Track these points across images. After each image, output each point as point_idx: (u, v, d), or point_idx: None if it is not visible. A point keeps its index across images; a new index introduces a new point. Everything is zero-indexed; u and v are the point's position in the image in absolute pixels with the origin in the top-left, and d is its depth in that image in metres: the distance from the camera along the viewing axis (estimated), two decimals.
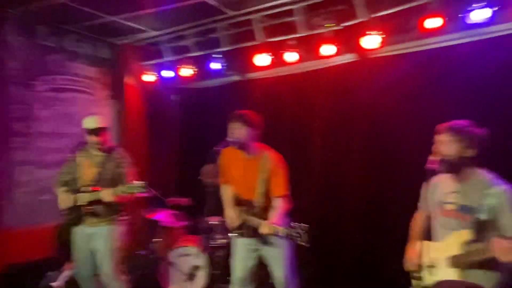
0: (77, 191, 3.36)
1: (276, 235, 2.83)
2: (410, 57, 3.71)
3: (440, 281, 2.02)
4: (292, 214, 3.12)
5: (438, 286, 1.09)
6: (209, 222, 4.24)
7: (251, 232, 2.97)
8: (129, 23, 4.65)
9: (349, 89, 4.16)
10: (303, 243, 2.59)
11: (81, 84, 5.04)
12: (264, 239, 2.98)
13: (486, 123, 2.68)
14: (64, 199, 3.40)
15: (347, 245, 4.13)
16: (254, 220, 2.93)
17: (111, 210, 3.34)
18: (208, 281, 4.24)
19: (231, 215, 3.08)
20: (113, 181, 3.35)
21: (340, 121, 4.20)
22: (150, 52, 5.49)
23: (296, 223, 2.65)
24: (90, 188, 3.31)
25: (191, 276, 4.29)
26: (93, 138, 3.36)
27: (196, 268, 4.29)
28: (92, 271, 3.44)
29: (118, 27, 4.79)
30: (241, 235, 3.05)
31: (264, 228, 2.80)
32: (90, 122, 3.40)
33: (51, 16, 4.51)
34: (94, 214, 3.33)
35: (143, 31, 4.95)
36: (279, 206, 2.94)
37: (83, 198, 3.31)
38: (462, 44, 3.41)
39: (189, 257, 4.31)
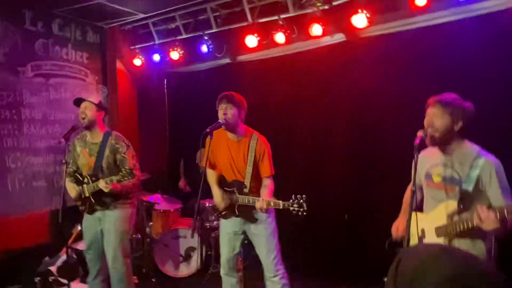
0: (81, 182, 3.38)
1: (270, 209, 2.91)
2: (399, 36, 3.72)
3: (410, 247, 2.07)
4: (278, 194, 3.17)
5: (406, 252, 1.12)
6: (203, 205, 4.29)
7: (238, 211, 3.03)
8: (117, 6, 4.58)
9: (339, 69, 4.17)
10: (303, 213, 2.67)
11: (70, 70, 4.99)
12: (250, 217, 3.03)
13: (473, 100, 2.73)
14: (71, 190, 3.43)
15: (334, 225, 4.20)
16: (246, 198, 2.97)
17: (117, 197, 3.35)
18: (203, 261, 4.32)
19: (218, 196, 3.12)
20: (115, 168, 3.36)
21: (329, 101, 4.22)
22: (140, 36, 5.43)
23: (293, 195, 2.70)
24: (91, 179, 3.32)
25: (186, 257, 4.36)
26: (79, 110, 3.31)
27: (191, 249, 4.36)
28: (100, 252, 3.49)
29: (106, 10, 4.72)
30: (227, 216, 3.10)
31: (261, 203, 2.85)
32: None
33: (38, 1, 4.43)
34: (101, 203, 3.35)
35: (132, 14, 4.87)
36: (269, 184, 3.02)
37: (86, 190, 3.33)
38: (450, 22, 3.41)
39: (184, 239, 4.37)
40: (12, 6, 4.36)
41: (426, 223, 2.25)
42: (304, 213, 2.68)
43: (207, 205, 4.28)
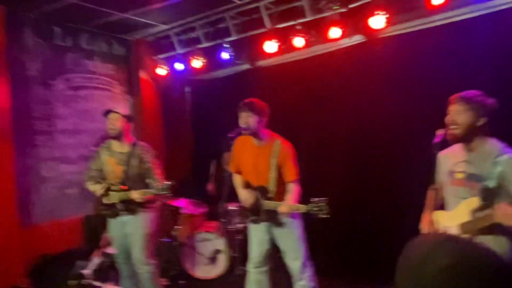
0: (108, 189, 3.50)
1: (295, 214, 2.98)
2: (417, 35, 3.72)
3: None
4: (307, 196, 3.21)
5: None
6: (228, 208, 4.38)
7: (264, 216, 3.08)
8: (139, 19, 4.78)
9: (359, 69, 4.18)
10: (325, 215, 2.72)
11: (97, 81, 5.22)
12: (276, 222, 3.08)
13: (496, 97, 2.72)
14: (96, 189, 3.55)
15: (360, 228, 4.19)
16: (270, 203, 3.03)
17: (144, 203, 3.48)
18: (229, 263, 4.40)
19: (244, 195, 3.19)
20: (140, 177, 3.49)
21: (351, 102, 4.24)
22: (162, 46, 5.61)
23: (315, 198, 2.75)
24: (119, 187, 3.45)
25: (213, 260, 4.45)
26: (108, 122, 3.44)
27: (217, 252, 4.45)
28: (129, 255, 3.63)
29: (129, 23, 4.92)
30: (256, 221, 3.16)
31: (284, 208, 2.91)
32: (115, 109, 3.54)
33: (65, 17, 4.67)
34: (128, 209, 3.48)
35: (154, 26, 5.06)
36: (293, 189, 3.05)
37: (114, 197, 3.45)
38: (468, 19, 3.40)
39: (210, 241, 4.47)
40: (42, 23, 4.61)
41: (449, 221, 2.26)
42: (326, 215, 2.71)
43: (232, 208, 4.36)
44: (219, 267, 4.41)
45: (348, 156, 4.29)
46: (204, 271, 4.45)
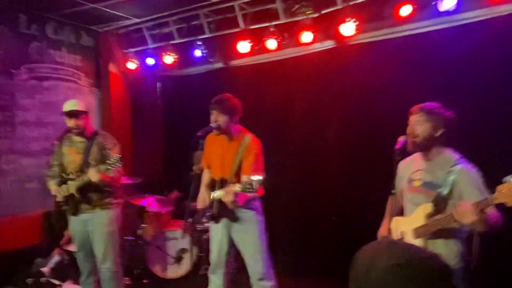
0: (65, 180, 3.40)
1: (254, 208, 2.99)
2: (386, 44, 3.84)
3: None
4: (271, 198, 3.24)
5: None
6: (194, 207, 4.35)
7: (218, 210, 3.04)
8: (110, 10, 4.66)
9: (329, 74, 4.27)
10: (254, 193, 2.67)
11: (63, 72, 5.05)
12: (233, 217, 3.05)
13: (456, 106, 2.85)
14: (57, 191, 3.44)
15: (325, 228, 4.28)
16: (217, 192, 2.99)
17: (103, 194, 3.40)
18: (195, 263, 4.39)
19: (201, 196, 3.18)
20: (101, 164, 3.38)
21: (319, 105, 4.33)
22: (133, 40, 5.50)
23: (250, 176, 2.71)
24: (77, 174, 3.34)
25: (178, 259, 4.43)
26: (71, 122, 3.36)
27: (183, 251, 4.43)
28: (90, 253, 3.54)
29: (100, 15, 4.79)
30: (213, 218, 3.12)
31: (221, 194, 2.91)
32: (68, 105, 3.42)
33: (32, 4, 4.49)
34: (87, 201, 3.39)
35: (125, 18, 4.95)
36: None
37: (72, 186, 3.35)
38: (433, 31, 3.55)
39: (176, 240, 4.44)
40: (6, 9, 4.41)
41: (406, 226, 2.36)
42: (253, 193, 2.66)
43: (198, 207, 4.34)
44: (185, 267, 4.39)
45: (317, 159, 4.38)
46: (170, 271, 4.42)
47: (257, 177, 2.67)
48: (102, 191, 3.38)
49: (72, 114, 3.38)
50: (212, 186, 3.17)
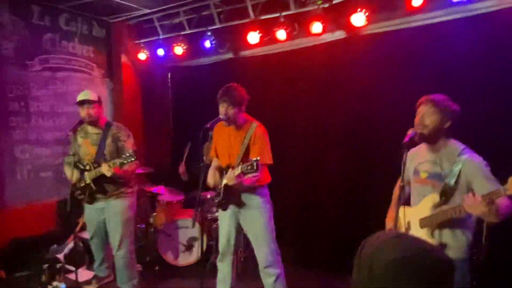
0: (82, 171, 3.49)
1: (262, 195, 3.05)
2: (397, 34, 3.79)
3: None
4: (276, 189, 3.27)
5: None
6: (205, 196, 4.42)
7: (227, 196, 3.10)
8: (121, 1, 4.69)
9: (339, 65, 4.24)
10: (254, 173, 2.75)
11: (76, 63, 5.12)
12: (240, 203, 3.11)
13: (467, 98, 2.84)
14: (69, 174, 3.55)
15: (329, 219, 4.31)
16: (224, 177, 3.05)
17: (118, 184, 3.49)
18: (205, 251, 4.47)
19: (210, 176, 3.25)
20: (116, 156, 3.44)
21: (328, 96, 4.31)
22: (144, 30, 5.54)
23: (250, 158, 2.80)
24: (92, 166, 3.44)
25: (188, 247, 4.51)
26: (84, 111, 3.44)
27: (193, 239, 4.51)
28: (104, 241, 3.66)
29: (111, 6, 4.83)
30: (221, 204, 3.18)
31: (228, 178, 2.97)
32: (80, 96, 3.50)
33: None
34: (102, 191, 3.48)
35: (136, 9, 4.99)
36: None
37: (88, 176, 3.44)
38: (445, 21, 3.49)
39: (186, 229, 4.52)
40: (20, 1, 4.48)
41: (412, 216, 2.38)
42: (254, 173, 2.74)
43: (208, 196, 4.41)
44: (195, 255, 4.47)
45: (324, 150, 4.39)
46: (180, 258, 4.51)
47: (256, 158, 2.73)
48: (117, 182, 3.47)
49: (84, 103, 3.45)
50: (220, 174, 3.23)
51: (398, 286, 0.91)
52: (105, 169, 3.30)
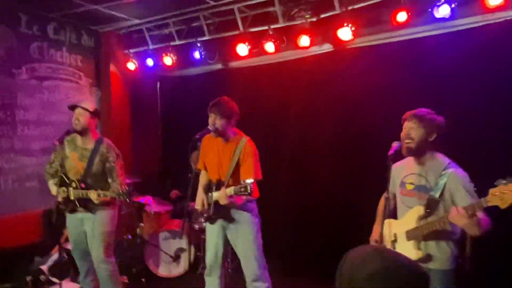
0: (66, 184, 3.42)
1: (249, 209, 3.06)
2: (382, 48, 3.90)
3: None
4: (264, 200, 3.29)
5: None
6: (192, 207, 4.40)
7: (215, 211, 3.09)
8: (111, 11, 4.70)
9: (326, 77, 4.32)
10: (248, 195, 2.77)
11: (64, 72, 5.09)
12: (228, 218, 3.11)
13: (449, 111, 2.91)
14: (55, 191, 3.48)
15: (317, 230, 4.35)
16: (214, 194, 3.05)
17: (102, 202, 3.40)
18: (192, 262, 4.44)
19: (199, 197, 3.24)
20: (102, 176, 3.43)
21: (316, 108, 4.38)
22: (134, 40, 5.55)
23: (243, 180, 2.81)
24: (79, 185, 3.37)
25: (176, 258, 4.47)
26: (74, 116, 3.37)
27: (181, 250, 4.48)
28: (86, 252, 3.58)
29: (101, 15, 4.83)
30: (209, 218, 3.18)
31: (217, 195, 2.98)
32: (85, 104, 3.47)
33: (33, 4, 4.53)
34: (85, 207, 3.42)
35: (126, 19, 5.00)
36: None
37: (73, 194, 3.38)
38: (429, 36, 3.60)
39: (174, 240, 4.48)
40: (8, 10, 4.45)
41: (399, 228, 2.43)
42: (248, 195, 2.75)
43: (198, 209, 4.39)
44: (183, 266, 4.44)
45: (312, 161, 4.43)
46: (167, 270, 4.47)
47: (250, 180, 2.75)
48: (101, 201, 3.39)
49: (76, 107, 3.41)
50: (209, 188, 3.22)
51: None
52: (94, 197, 3.26)
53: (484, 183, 2.09)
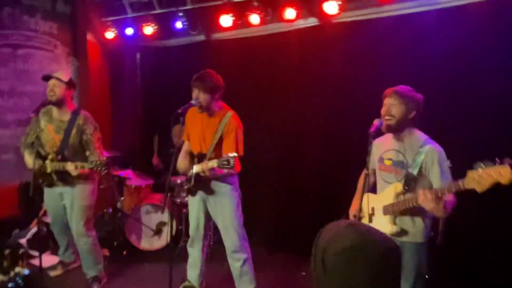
0: (43, 157, 3.33)
1: (230, 182, 3.09)
2: (368, 24, 3.84)
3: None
4: (250, 173, 3.29)
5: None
6: (174, 181, 4.38)
7: (195, 183, 3.09)
8: None
9: (312, 51, 4.26)
10: (230, 169, 2.76)
11: (39, 40, 4.85)
12: (208, 190, 3.13)
13: (434, 89, 2.92)
14: (30, 163, 3.37)
15: (299, 205, 4.40)
16: (196, 166, 3.04)
17: (80, 175, 3.32)
18: (174, 236, 4.46)
19: (181, 165, 3.23)
20: (79, 148, 3.35)
21: (301, 83, 4.33)
22: (112, 8, 5.31)
23: (225, 155, 2.80)
24: (56, 157, 3.29)
25: (157, 232, 4.48)
26: (48, 87, 3.26)
27: (162, 224, 4.48)
28: (65, 226, 3.55)
29: None
30: (190, 190, 3.18)
31: (199, 168, 2.98)
32: (60, 74, 3.35)
33: None
34: (63, 180, 3.36)
35: None
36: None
37: (50, 167, 3.30)
38: (416, 13, 3.56)
39: (155, 214, 4.48)
40: None
41: (376, 202, 2.48)
42: (230, 168, 2.74)
43: (178, 181, 4.37)
44: (164, 239, 4.46)
45: (296, 136, 4.43)
46: (149, 243, 4.48)
47: (233, 154, 2.74)
48: (80, 174, 3.30)
49: (51, 78, 3.29)
50: (191, 160, 3.20)
51: (349, 274, 0.95)
52: (71, 169, 3.17)
53: (461, 164, 2.13)
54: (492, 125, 3.19)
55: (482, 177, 1.89)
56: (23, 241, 4.02)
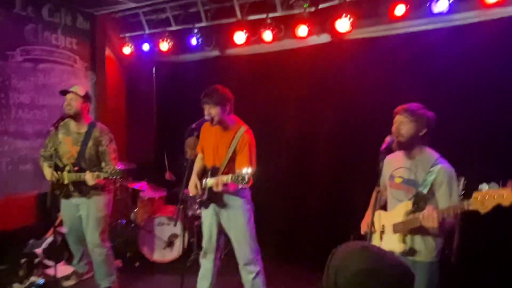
0: (60, 168, 3.45)
1: (243, 195, 3.11)
2: (380, 41, 3.89)
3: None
4: (262, 187, 3.32)
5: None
6: (187, 193, 4.43)
7: (209, 196, 3.14)
8: None
9: (324, 68, 4.32)
10: (245, 185, 2.78)
11: (59, 55, 5.03)
12: (221, 203, 3.16)
13: (444, 107, 2.94)
14: (49, 174, 3.48)
15: (311, 218, 4.41)
16: (209, 180, 3.09)
17: (96, 186, 3.44)
18: (186, 248, 4.50)
19: (192, 183, 3.27)
20: (96, 159, 3.45)
21: (313, 98, 4.38)
22: (130, 24, 5.49)
23: (240, 170, 2.83)
24: (73, 168, 3.40)
25: (169, 244, 4.53)
26: (66, 101, 3.38)
27: (174, 236, 4.53)
28: (81, 236, 3.63)
29: None
30: (203, 203, 3.23)
31: (213, 181, 3.01)
32: (76, 88, 3.47)
33: None
34: (79, 191, 3.46)
35: (122, 2, 4.93)
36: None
37: (67, 178, 3.41)
38: (427, 30, 3.60)
39: (168, 226, 4.53)
40: None
41: (387, 220, 2.49)
42: (245, 184, 2.76)
43: (191, 194, 4.41)
44: (176, 251, 4.50)
45: (308, 150, 4.46)
46: (161, 255, 4.52)
47: (249, 170, 2.77)
48: (96, 185, 3.42)
49: (68, 92, 3.41)
50: (204, 173, 3.25)
51: None
52: (88, 178, 3.29)
53: (471, 182, 2.13)
54: (505, 143, 3.18)
55: (485, 198, 1.89)
56: (38, 250, 4.10)
